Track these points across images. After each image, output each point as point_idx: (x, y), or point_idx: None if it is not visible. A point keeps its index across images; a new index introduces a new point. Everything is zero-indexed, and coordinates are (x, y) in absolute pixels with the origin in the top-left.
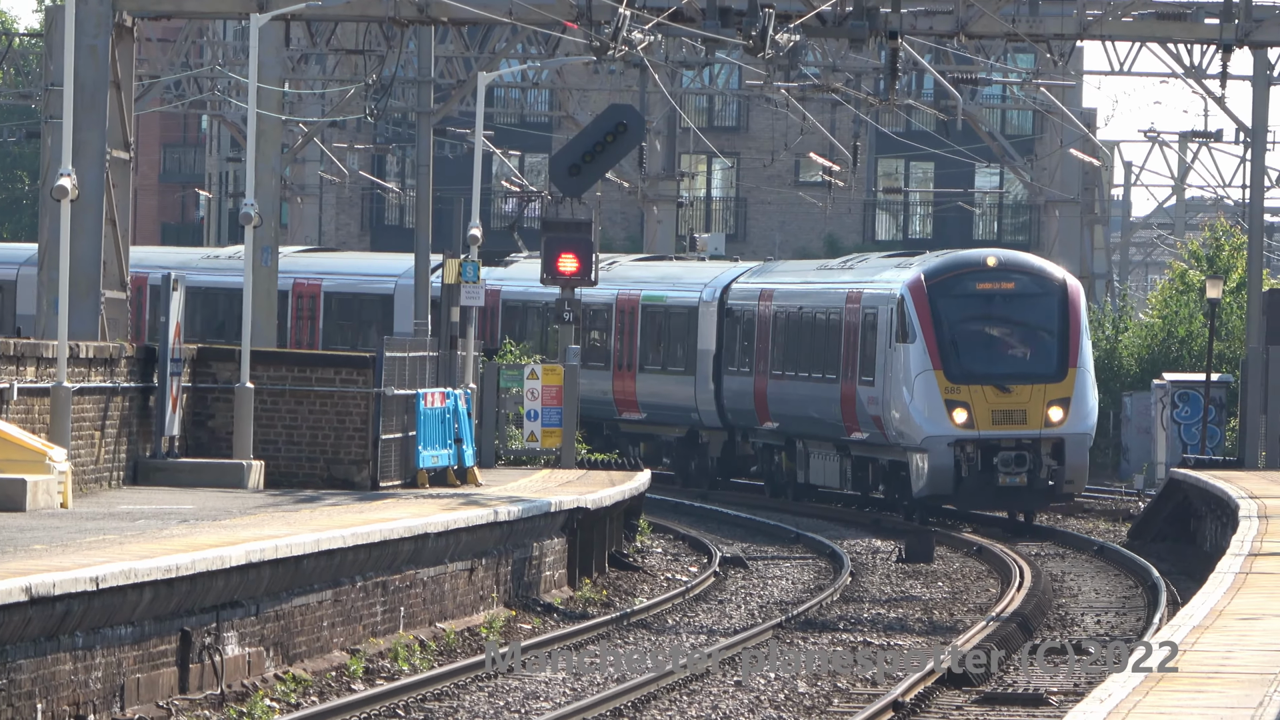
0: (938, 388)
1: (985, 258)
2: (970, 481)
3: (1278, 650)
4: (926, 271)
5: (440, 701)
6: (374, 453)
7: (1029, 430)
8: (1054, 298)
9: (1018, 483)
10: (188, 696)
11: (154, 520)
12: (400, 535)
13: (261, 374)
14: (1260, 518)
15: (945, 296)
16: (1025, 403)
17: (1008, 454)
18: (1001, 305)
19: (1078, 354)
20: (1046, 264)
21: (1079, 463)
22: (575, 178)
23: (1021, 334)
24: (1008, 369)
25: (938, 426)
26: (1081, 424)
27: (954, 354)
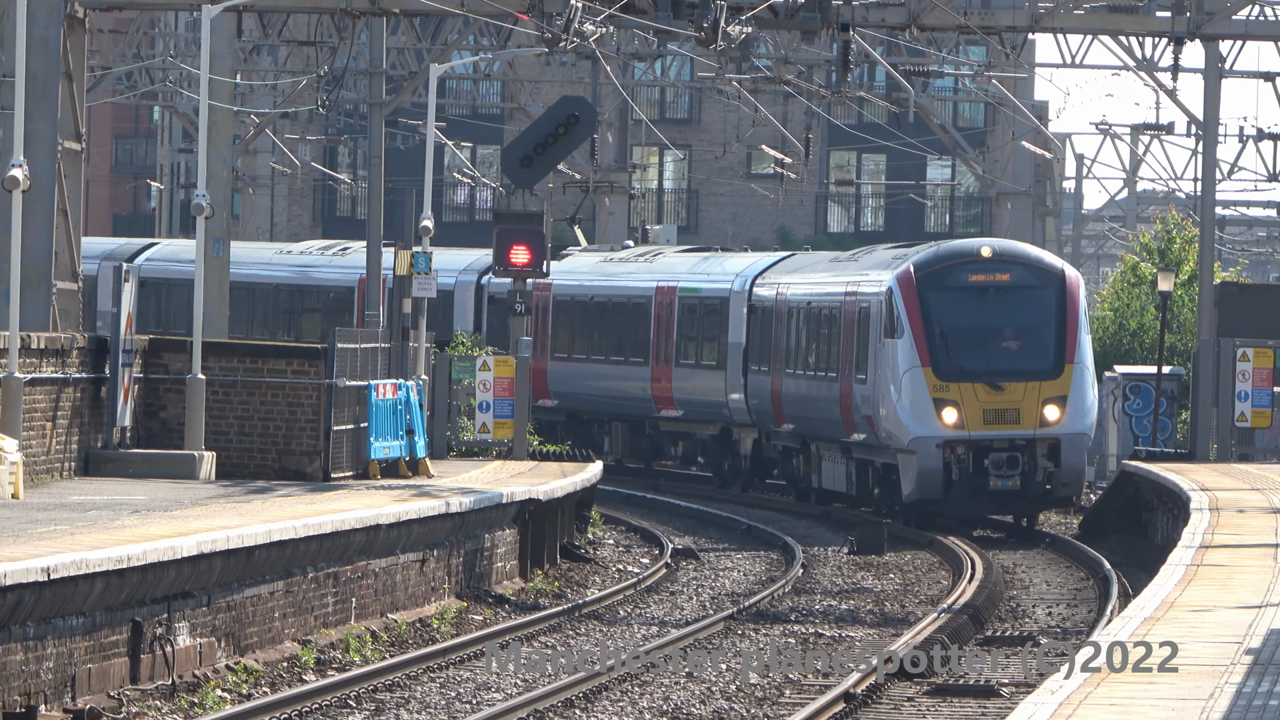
0: (926, 385)
1: (979, 248)
2: (961, 485)
3: (1229, 642)
4: (917, 263)
5: (392, 692)
6: (326, 444)
7: (1023, 430)
8: (1051, 290)
9: (1010, 486)
10: (139, 687)
11: (105, 511)
12: (352, 526)
13: (213, 365)
14: (1211, 510)
15: (935, 289)
16: (1019, 401)
17: (1000, 456)
18: (995, 298)
19: (1076, 349)
20: (1044, 254)
21: (1077, 465)
22: (527, 169)
23: (1016, 328)
24: (1001, 365)
25: (925, 426)
26: (1079, 423)
27: (943, 350)
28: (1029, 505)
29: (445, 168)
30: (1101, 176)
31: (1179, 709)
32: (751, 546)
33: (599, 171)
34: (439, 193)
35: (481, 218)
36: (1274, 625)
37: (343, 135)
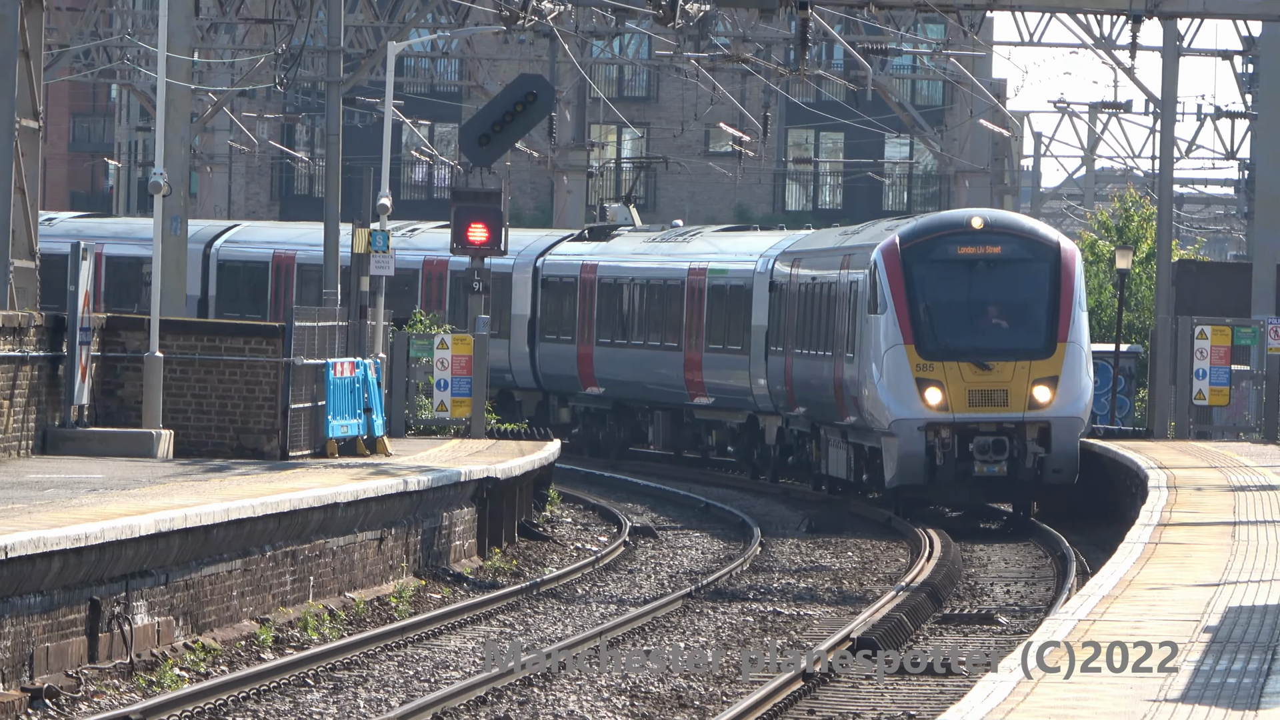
0: (908, 364)
1: (970, 219)
2: (945, 471)
3: (1186, 620)
4: (903, 234)
5: (350, 671)
6: (283, 422)
7: (1011, 413)
8: (1045, 263)
9: (997, 472)
10: (97, 665)
11: (63, 489)
12: (310, 505)
13: (171, 343)
14: (1169, 488)
15: (921, 262)
16: (1007, 382)
17: (985, 439)
18: (985, 272)
19: (1070, 327)
20: (1039, 226)
21: (1068, 450)
22: (485, 147)
23: (1006, 304)
24: (988, 344)
25: (907, 408)
26: (1072, 406)
27: (928, 327)
28: (1017, 492)
29: (403, 146)
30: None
31: (1138, 686)
32: (710, 525)
33: (557, 149)
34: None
35: (439, 196)
36: (1232, 603)
37: (300, 113)
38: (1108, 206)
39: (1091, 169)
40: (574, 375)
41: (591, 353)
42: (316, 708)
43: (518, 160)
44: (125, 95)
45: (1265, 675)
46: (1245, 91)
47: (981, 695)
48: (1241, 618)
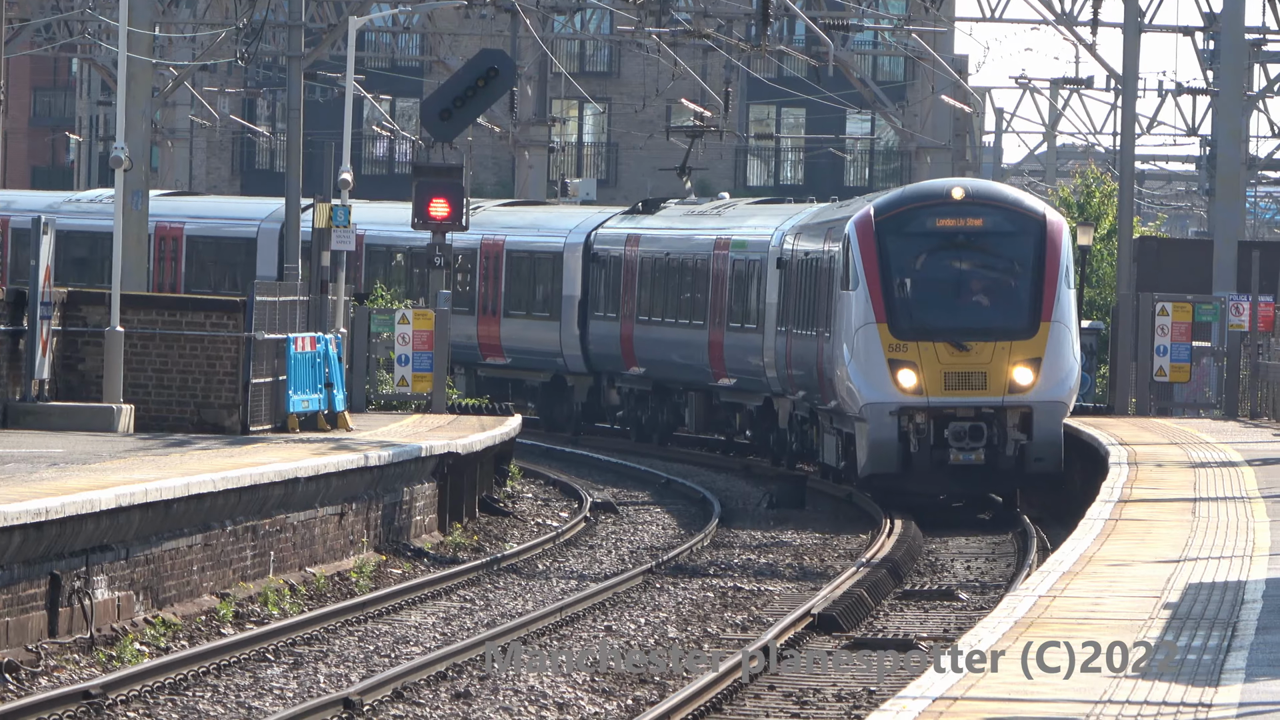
0: (880, 345)
1: (950, 189)
2: (920, 459)
3: (1146, 596)
4: (878, 205)
5: (310, 645)
6: (244, 397)
7: (990, 397)
8: (1029, 237)
9: (974, 460)
10: (57, 640)
11: (23, 464)
12: (270, 480)
13: (132, 318)
14: (1130, 464)
15: (897, 235)
16: (986, 363)
17: (961, 425)
18: (965, 246)
19: (1055, 305)
20: (1024, 197)
21: (1051, 437)
22: (446, 122)
23: (987, 280)
24: (966, 322)
25: (879, 391)
26: (1056, 389)
27: (902, 304)
28: (996, 482)
29: (364, 121)
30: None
31: (1098, 662)
32: (671, 500)
33: (518, 125)
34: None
35: (401, 171)
36: (1192, 579)
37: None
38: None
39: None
40: (618, 355)
41: (632, 332)
42: (277, 682)
43: (479, 135)
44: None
45: (1225, 652)
46: (1206, 68)
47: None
48: (1202, 594)
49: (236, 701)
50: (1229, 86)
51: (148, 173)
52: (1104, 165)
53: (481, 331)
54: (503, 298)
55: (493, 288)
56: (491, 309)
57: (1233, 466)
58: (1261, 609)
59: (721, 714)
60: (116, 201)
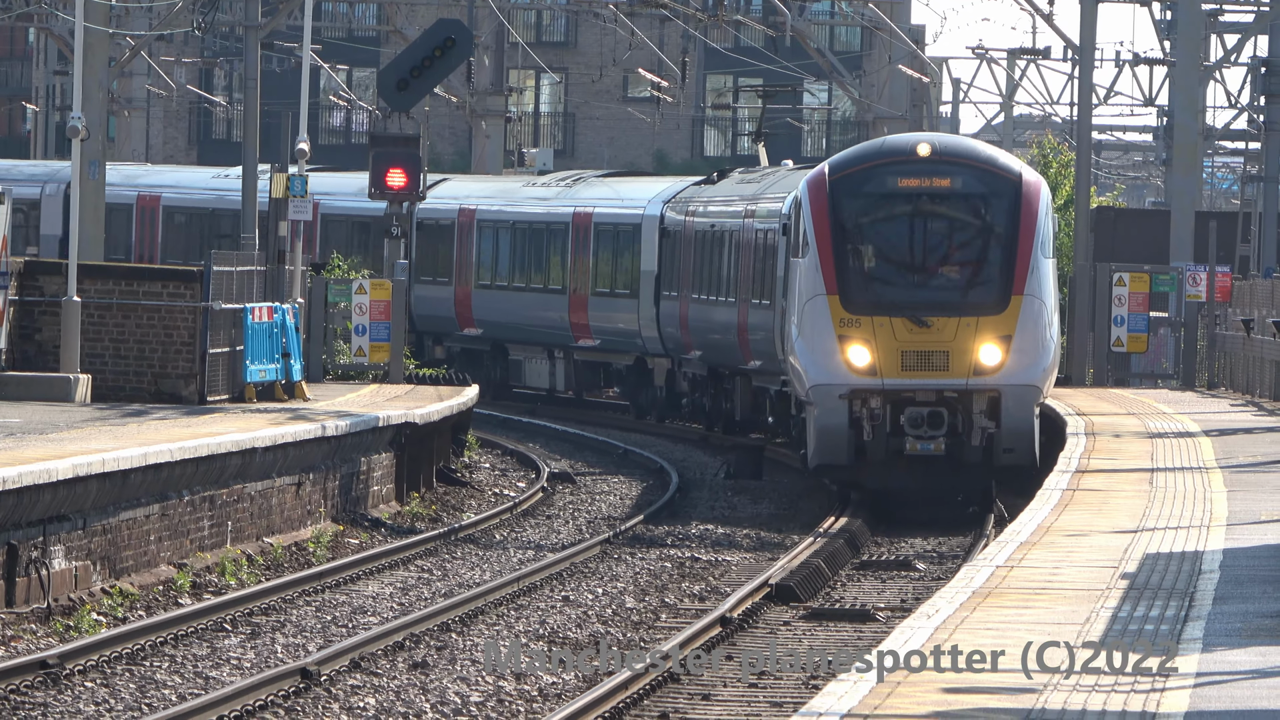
0: (830, 319)
1: (915, 145)
2: (875, 448)
3: (1104, 566)
4: (834, 163)
5: (268, 616)
6: (201, 367)
7: (953, 379)
8: (1003, 200)
9: (933, 450)
10: (14, 610)
11: None
12: (227, 450)
13: (89, 287)
14: (1087, 434)
15: (853, 196)
16: (949, 341)
17: (919, 411)
18: (930, 209)
19: (1029, 276)
20: (999, 154)
21: (1023, 425)
22: (403, 93)
23: (953, 247)
24: (928, 295)
25: (827, 371)
26: (1028, 372)
27: (856, 273)
28: (958, 476)
29: (321, 91)
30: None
31: (1055, 632)
32: (628, 471)
33: (475, 95)
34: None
35: (358, 141)
36: (1149, 549)
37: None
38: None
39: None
40: (678, 335)
41: (688, 311)
42: (234, 652)
43: (436, 105)
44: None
45: (1183, 621)
46: (1164, 38)
47: (900, 641)
48: (1159, 564)
49: (194, 671)
50: (1186, 57)
51: (104, 142)
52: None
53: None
54: (591, 270)
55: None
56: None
57: (1190, 437)
58: (1219, 579)
59: (679, 684)
60: (74, 171)
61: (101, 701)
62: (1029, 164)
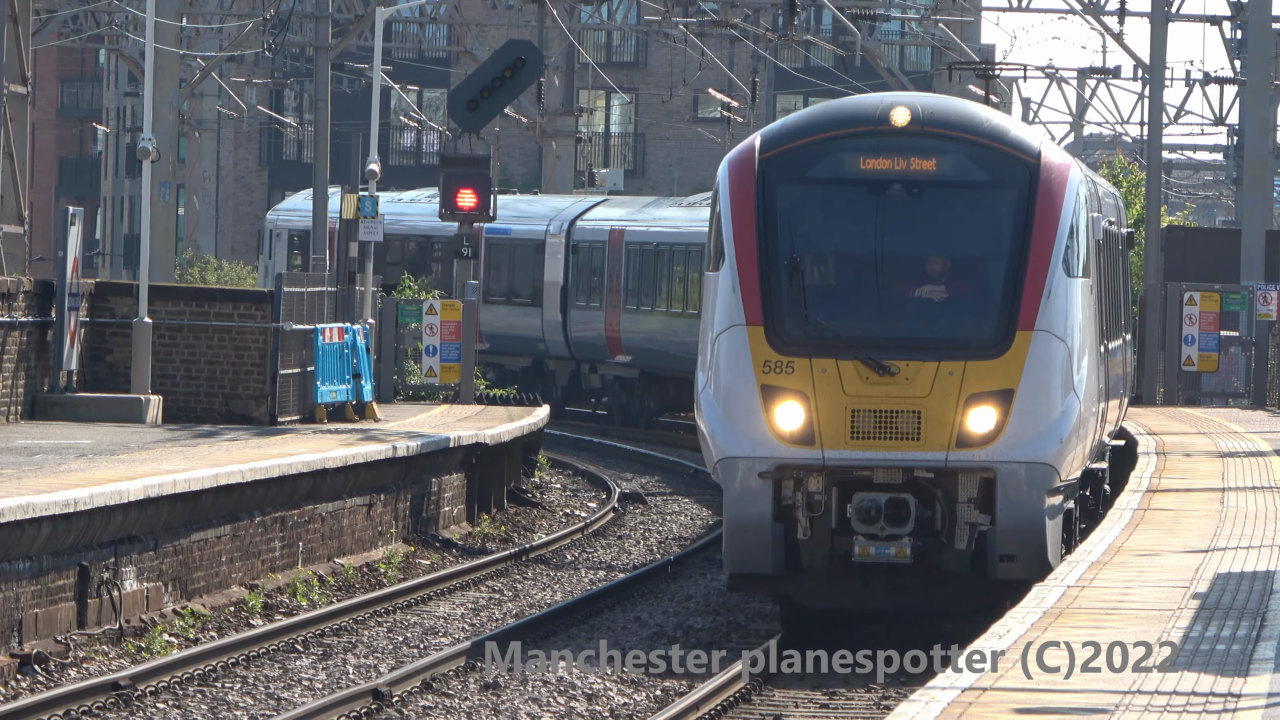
0: (749, 361)
1: (889, 109)
2: (813, 551)
3: (1175, 586)
4: (769, 135)
5: (339, 636)
6: (272, 388)
7: (926, 452)
8: (1011, 190)
9: (893, 555)
10: (86, 631)
11: (52, 455)
12: (299, 471)
13: (160, 309)
14: (1158, 454)
15: (792, 184)
16: (922, 397)
17: (875, 499)
18: (902, 203)
19: (1043, 303)
20: (1009, 125)
21: (1028, 521)
22: (473, 113)
23: (934, 261)
24: (893, 329)
25: (743, 438)
26: (1037, 443)
27: (792, 297)
28: (931, 593)
29: (392, 111)
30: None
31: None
32: (699, 491)
33: (545, 115)
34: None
35: (428, 161)
36: (1220, 569)
37: (289, 79)
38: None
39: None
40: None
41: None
42: (306, 674)
43: (506, 126)
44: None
45: (1254, 642)
46: (1234, 57)
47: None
48: (1230, 584)
49: (266, 693)
50: (1256, 76)
51: (175, 163)
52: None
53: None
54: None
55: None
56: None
57: (1261, 456)
58: None
59: (750, 704)
60: (144, 192)
61: None
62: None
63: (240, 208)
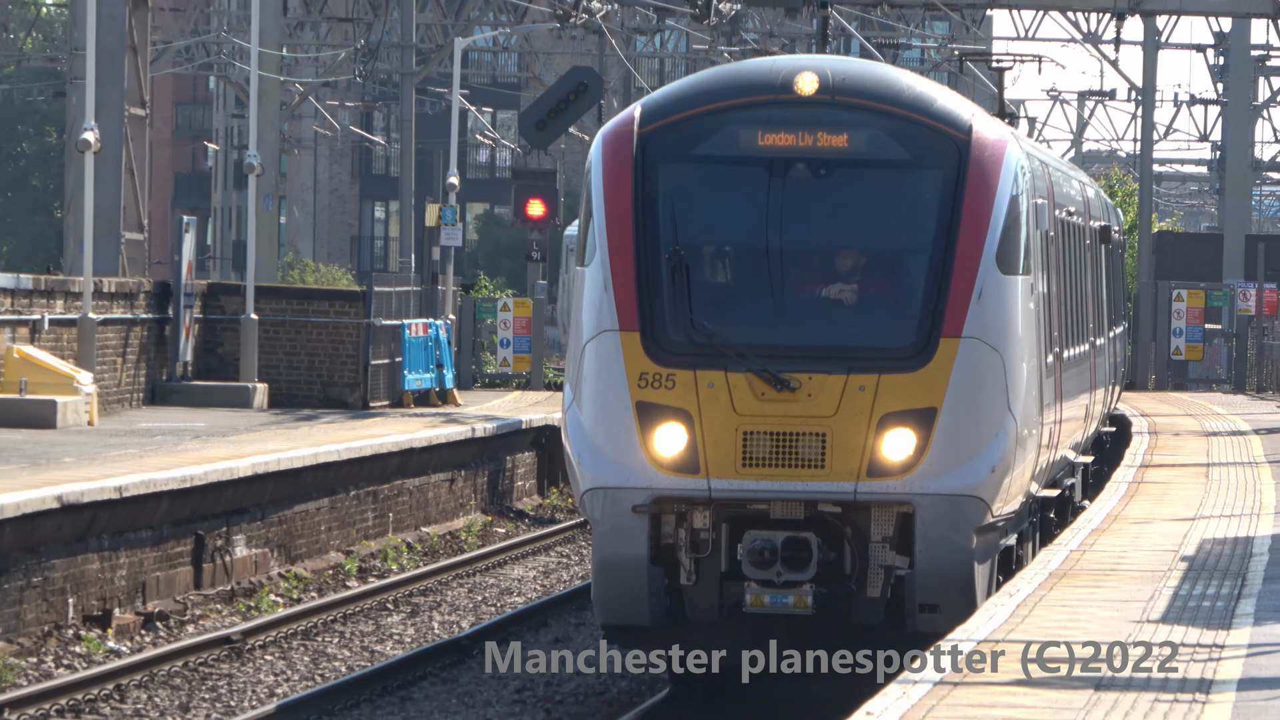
0: (623, 374)
1: (793, 75)
2: (699, 598)
3: (1166, 550)
4: (650, 105)
5: (425, 596)
6: (364, 376)
7: (832, 482)
8: (934, 171)
9: (792, 605)
10: (202, 592)
11: (170, 436)
12: (389, 450)
13: (264, 307)
14: (1150, 433)
15: (676, 162)
16: (827, 417)
17: (770, 539)
18: (808, 186)
19: (972, 304)
20: (937, 94)
21: (953, 564)
22: (541, 132)
23: (844, 255)
24: (793, 336)
25: (614, 465)
26: (964, 471)
27: (674, 297)
28: (841, 643)
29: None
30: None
31: (1122, 609)
32: None
33: None
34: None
35: (501, 175)
36: (1205, 535)
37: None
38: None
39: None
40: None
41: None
42: (396, 629)
43: (571, 143)
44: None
45: (1236, 599)
46: (1217, 81)
47: (984, 617)
48: (1215, 548)
49: (360, 645)
50: (1237, 98)
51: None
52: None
53: None
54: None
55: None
56: None
57: (1241, 435)
58: (1268, 561)
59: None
60: (250, 203)
61: (279, 672)
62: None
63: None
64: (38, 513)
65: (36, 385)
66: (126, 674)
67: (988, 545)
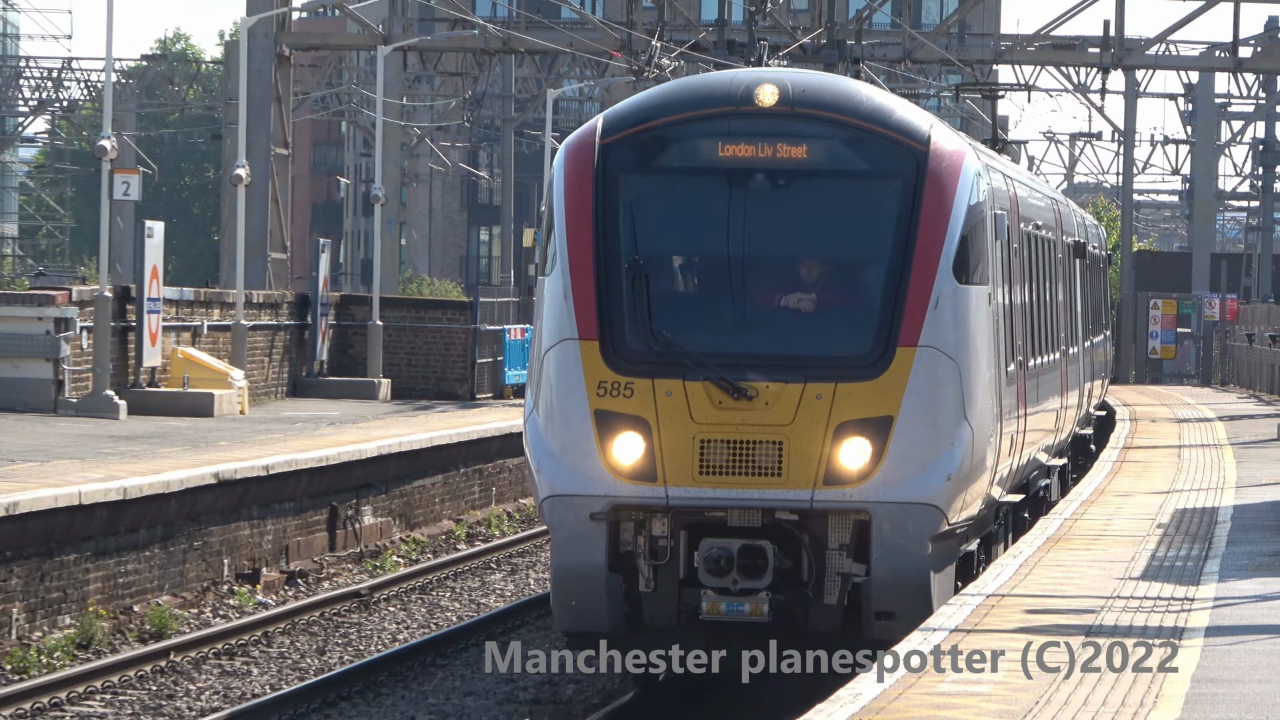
0: (582, 382)
1: (754, 87)
2: (657, 606)
3: (1144, 519)
4: (612, 117)
5: (523, 557)
6: (471, 373)
7: (789, 490)
8: (892, 182)
9: (747, 613)
10: (335, 554)
11: (308, 423)
12: (492, 434)
13: (388, 314)
14: (1131, 420)
15: (637, 173)
16: (784, 425)
17: (727, 546)
18: (767, 197)
19: (929, 314)
20: (896, 106)
21: (910, 572)
22: None
23: (802, 265)
24: (750, 345)
25: (573, 473)
26: (920, 480)
27: (633, 307)
28: (803, 650)
29: None
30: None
31: (1109, 568)
32: None
33: None
34: None
35: None
36: (1178, 506)
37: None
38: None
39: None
40: None
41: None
42: (499, 585)
43: None
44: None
45: (1203, 559)
46: (1186, 124)
47: (992, 576)
48: (1186, 517)
49: (469, 599)
50: (1203, 138)
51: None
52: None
53: None
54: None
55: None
56: None
57: (1208, 421)
58: (1230, 527)
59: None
60: (375, 228)
61: (401, 621)
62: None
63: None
64: (198, 487)
65: (197, 381)
66: (272, 623)
67: (945, 552)
